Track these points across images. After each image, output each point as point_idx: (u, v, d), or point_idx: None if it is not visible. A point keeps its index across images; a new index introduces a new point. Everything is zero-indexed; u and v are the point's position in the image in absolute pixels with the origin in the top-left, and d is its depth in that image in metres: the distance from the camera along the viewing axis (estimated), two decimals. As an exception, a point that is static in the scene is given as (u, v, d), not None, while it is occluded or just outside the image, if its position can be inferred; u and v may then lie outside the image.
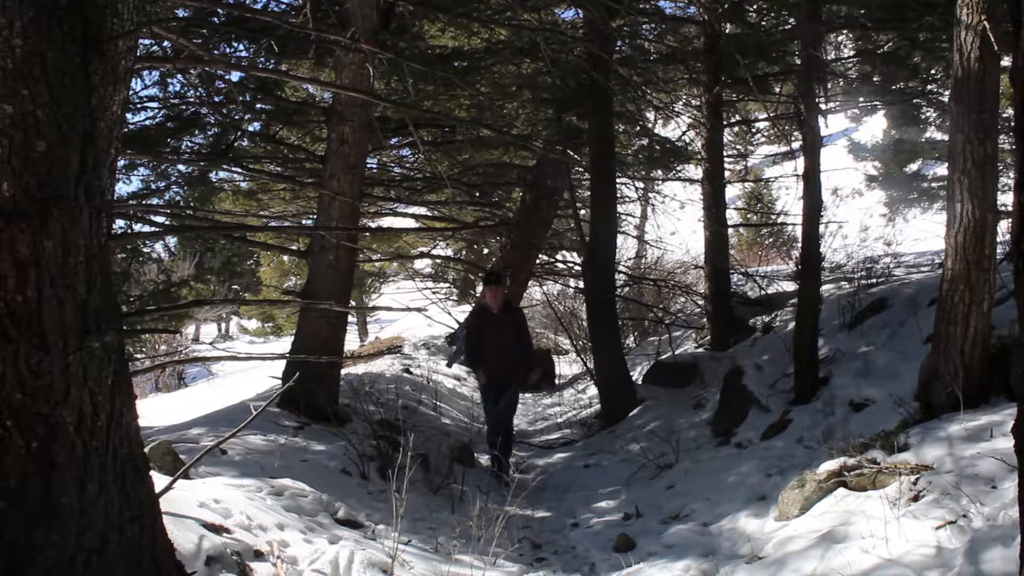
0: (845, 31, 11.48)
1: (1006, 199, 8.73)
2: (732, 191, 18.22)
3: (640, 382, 10.10)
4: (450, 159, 11.35)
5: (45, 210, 2.46)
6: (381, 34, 7.39)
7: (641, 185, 14.62)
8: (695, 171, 12.25)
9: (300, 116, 9.37)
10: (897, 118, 14.47)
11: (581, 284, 10.30)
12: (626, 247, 16.16)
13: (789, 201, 14.57)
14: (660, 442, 7.39)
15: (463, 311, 16.40)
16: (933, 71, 10.46)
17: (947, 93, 6.22)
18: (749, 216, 19.69)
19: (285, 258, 19.32)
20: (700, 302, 12.08)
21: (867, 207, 17.93)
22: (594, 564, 4.94)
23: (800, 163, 7.90)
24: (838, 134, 19.99)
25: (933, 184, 15.31)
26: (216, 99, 8.64)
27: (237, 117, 8.82)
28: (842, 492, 4.50)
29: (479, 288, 16.49)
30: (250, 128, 9.86)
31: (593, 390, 11.11)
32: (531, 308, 15.50)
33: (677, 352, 10.65)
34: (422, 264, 19.86)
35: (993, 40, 4.56)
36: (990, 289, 4.88)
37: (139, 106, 8.32)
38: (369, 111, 7.69)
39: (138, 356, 13.74)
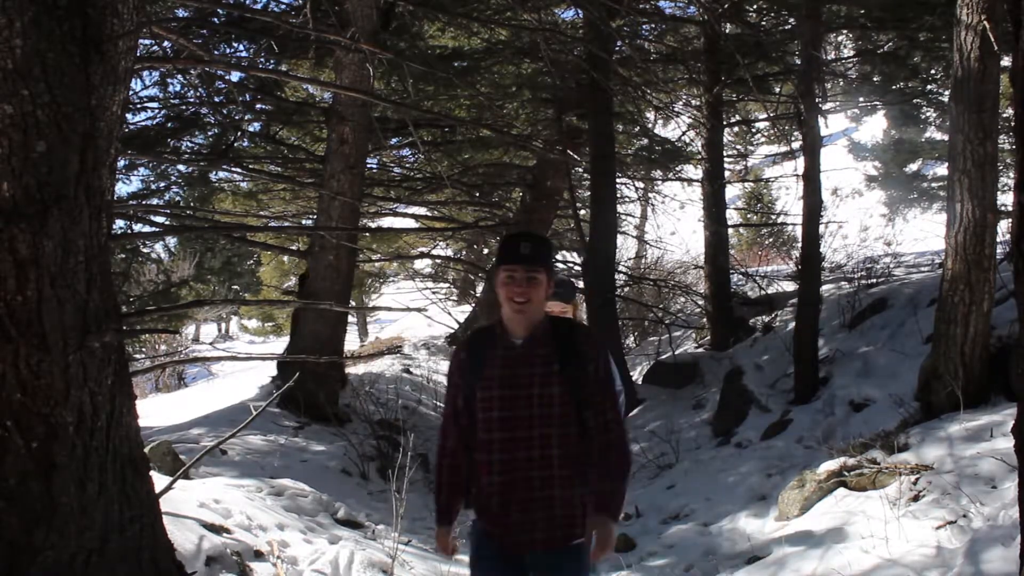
0: (845, 31, 11.47)
1: (1006, 199, 8.74)
2: (732, 191, 18.19)
3: (640, 382, 10.10)
4: (450, 159, 11.34)
5: (45, 210, 2.46)
6: (381, 34, 7.39)
7: (641, 185, 14.63)
8: (695, 171, 12.26)
9: (300, 116, 9.37)
10: (897, 118, 14.45)
11: (581, 284, 10.33)
12: (626, 247, 16.16)
13: (789, 201, 14.57)
14: (660, 442, 7.39)
15: (463, 311, 16.33)
16: (933, 71, 10.45)
17: (947, 93, 6.22)
18: (749, 216, 19.67)
19: (285, 258, 19.31)
20: (700, 302, 12.08)
21: (867, 207, 17.92)
22: (594, 564, 4.94)
23: (800, 163, 7.90)
24: (838, 134, 19.96)
25: (933, 184, 15.30)
26: (216, 99, 8.64)
27: (237, 117, 8.82)
28: (842, 492, 4.50)
29: (479, 288, 16.45)
30: (250, 128, 9.87)
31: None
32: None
33: (677, 352, 10.64)
34: (422, 264, 19.85)
35: (993, 40, 4.56)
36: (990, 289, 4.89)
37: (139, 106, 8.33)
38: (369, 111, 7.69)
39: (138, 356, 13.74)
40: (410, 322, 19.02)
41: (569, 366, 2.58)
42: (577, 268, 13.22)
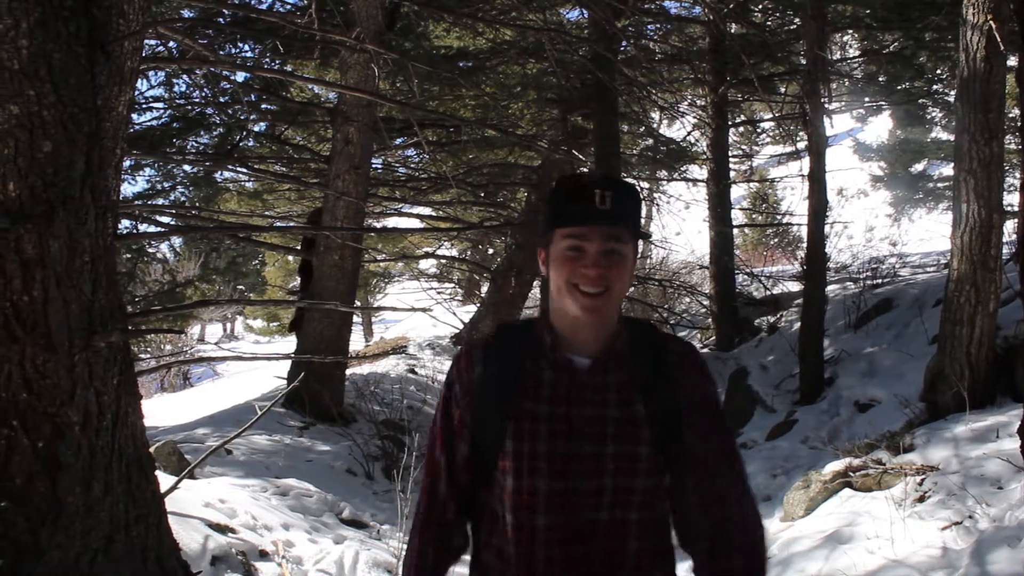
0: (850, 31, 11.45)
1: (1012, 199, 8.70)
2: (737, 191, 18.13)
3: (645, 382, 10.07)
4: (455, 159, 11.35)
5: (51, 210, 2.47)
6: (386, 34, 7.40)
7: (646, 185, 14.61)
8: (700, 171, 12.25)
9: (305, 116, 9.38)
10: (903, 118, 14.43)
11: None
12: (630, 247, 16.10)
13: (794, 201, 14.55)
14: (665, 442, 7.38)
15: (468, 311, 16.35)
16: (939, 71, 10.44)
17: (953, 93, 6.21)
18: (754, 216, 19.62)
19: (290, 258, 19.34)
20: (705, 302, 12.07)
21: (872, 207, 17.88)
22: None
23: (805, 163, 7.90)
24: (843, 134, 19.91)
25: (939, 184, 15.27)
26: (221, 99, 8.66)
27: (242, 117, 8.84)
28: (847, 493, 4.50)
29: (484, 288, 16.43)
30: (255, 128, 9.88)
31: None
32: (535, 309, 15.46)
33: (682, 352, 10.61)
34: (427, 264, 19.87)
35: (999, 40, 4.55)
36: (996, 290, 4.87)
37: (145, 106, 8.35)
38: (374, 111, 7.69)
39: (143, 356, 13.77)
40: (415, 322, 19.03)
41: (662, 406, 1.48)
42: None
